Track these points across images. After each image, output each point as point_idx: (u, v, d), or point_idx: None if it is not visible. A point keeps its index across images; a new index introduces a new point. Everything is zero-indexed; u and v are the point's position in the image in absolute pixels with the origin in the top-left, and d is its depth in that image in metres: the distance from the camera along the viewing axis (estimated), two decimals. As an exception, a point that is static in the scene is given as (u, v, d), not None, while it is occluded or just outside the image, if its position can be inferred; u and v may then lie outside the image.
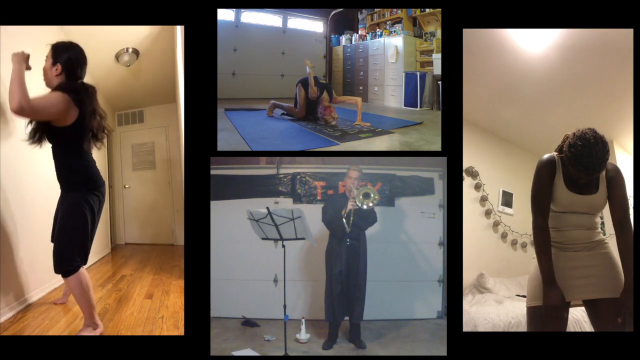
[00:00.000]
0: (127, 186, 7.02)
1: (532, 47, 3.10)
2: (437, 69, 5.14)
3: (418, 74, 5.31)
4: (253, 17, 6.30)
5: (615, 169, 1.99)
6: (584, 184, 1.96)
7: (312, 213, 3.12)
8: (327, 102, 4.32)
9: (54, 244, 2.50)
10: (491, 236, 4.49)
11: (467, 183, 4.32)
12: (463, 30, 2.48)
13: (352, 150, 3.45)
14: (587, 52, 3.06)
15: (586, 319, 3.08)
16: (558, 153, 2.03)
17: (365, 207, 3.00)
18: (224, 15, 5.99)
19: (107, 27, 3.80)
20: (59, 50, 2.45)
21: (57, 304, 3.10)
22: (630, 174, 2.75)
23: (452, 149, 2.51)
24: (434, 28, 5.54)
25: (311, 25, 6.90)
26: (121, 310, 3.05)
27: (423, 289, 3.81)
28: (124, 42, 4.44)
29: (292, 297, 3.58)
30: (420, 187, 3.89)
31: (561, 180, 1.98)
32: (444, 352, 2.50)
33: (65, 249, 2.42)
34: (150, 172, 6.96)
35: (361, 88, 6.36)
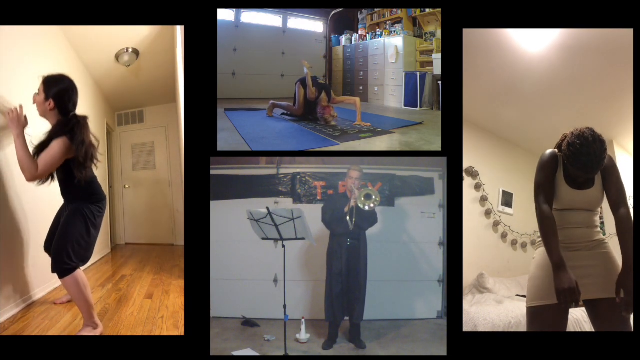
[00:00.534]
0: (127, 186, 7.02)
1: (532, 47, 3.10)
2: (437, 69, 5.13)
3: (418, 74, 5.31)
4: (253, 17, 6.30)
5: (607, 158, 1.94)
6: (583, 182, 1.96)
7: (312, 213, 3.12)
8: (325, 102, 4.33)
9: (53, 244, 2.51)
10: (491, 236, 4.49)
11: (467, 183, 4.32)
12: (463, 30, 2.49)
13: (352, 150, 3.45)
14: (587, 52, 3.06)
15: (586, 319, 3.09)
16: (557, 151, 2.03)
17: (367, 209, 3.01)
18: (224, 15, 5.98)
19: (107, 27, 3.81)
20: (50, 84, 2.50)
21: (58, 304, 3.10)
22: (630, 174, 2.75)
23: (452, 149, 2.51)
24: (434, 28, 5.54)
25: (311, 25, 6.90)
26: (121, 310, 3.04)
27: (423, 289, 3.81)
28: (124, 42, 4.44)
29: (292, 297, 3.56)
30: (420, 187, 3.89)
31: (562, 176, 1.98)
32: (444, 352, 2.51)
33: (63, 249, 2.45)
34: (150, 172, 6.95)
35: (361, 88, 6.36)
